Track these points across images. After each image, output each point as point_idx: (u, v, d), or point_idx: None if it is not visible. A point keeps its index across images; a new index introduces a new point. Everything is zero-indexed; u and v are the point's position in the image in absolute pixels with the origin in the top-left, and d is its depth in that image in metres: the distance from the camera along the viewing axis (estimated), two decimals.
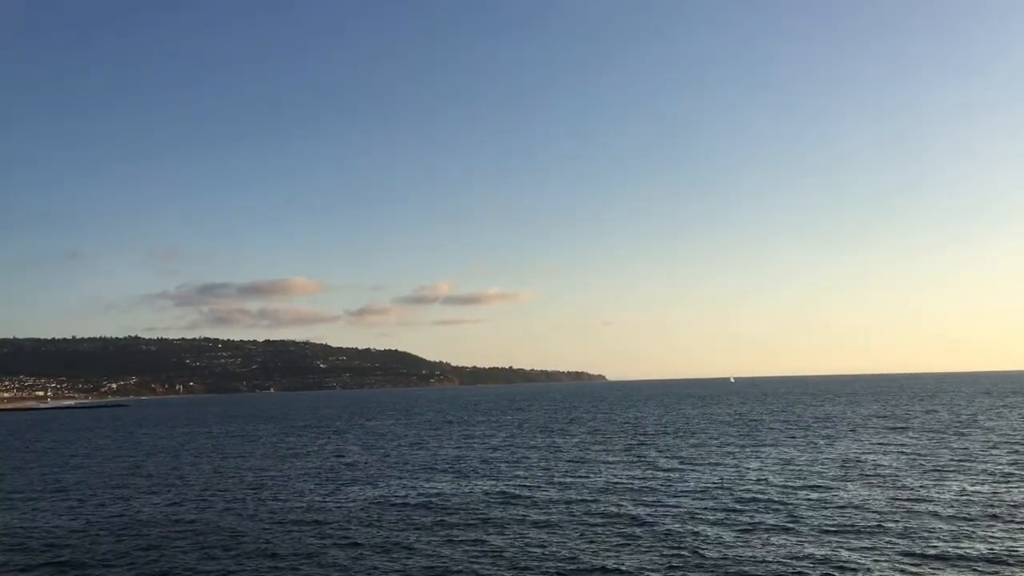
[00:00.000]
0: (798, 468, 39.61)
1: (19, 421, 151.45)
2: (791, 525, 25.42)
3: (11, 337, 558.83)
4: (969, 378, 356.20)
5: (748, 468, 40.03)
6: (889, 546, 22.37)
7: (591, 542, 23.71)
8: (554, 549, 22.99)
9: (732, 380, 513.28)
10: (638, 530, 25.26)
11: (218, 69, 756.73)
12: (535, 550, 22.91)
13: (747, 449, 49.66)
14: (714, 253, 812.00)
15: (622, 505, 30.01)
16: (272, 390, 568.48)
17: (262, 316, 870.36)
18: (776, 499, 30.34)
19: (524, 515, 28.51)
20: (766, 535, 24.09)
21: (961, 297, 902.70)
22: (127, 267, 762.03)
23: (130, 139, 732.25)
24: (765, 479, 35.70)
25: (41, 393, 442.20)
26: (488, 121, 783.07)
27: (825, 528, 24.88)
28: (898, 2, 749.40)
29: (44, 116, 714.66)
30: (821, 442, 53.50)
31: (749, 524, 25.83)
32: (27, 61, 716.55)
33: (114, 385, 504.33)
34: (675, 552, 22.19)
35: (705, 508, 28.89)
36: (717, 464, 42.38)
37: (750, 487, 33.46)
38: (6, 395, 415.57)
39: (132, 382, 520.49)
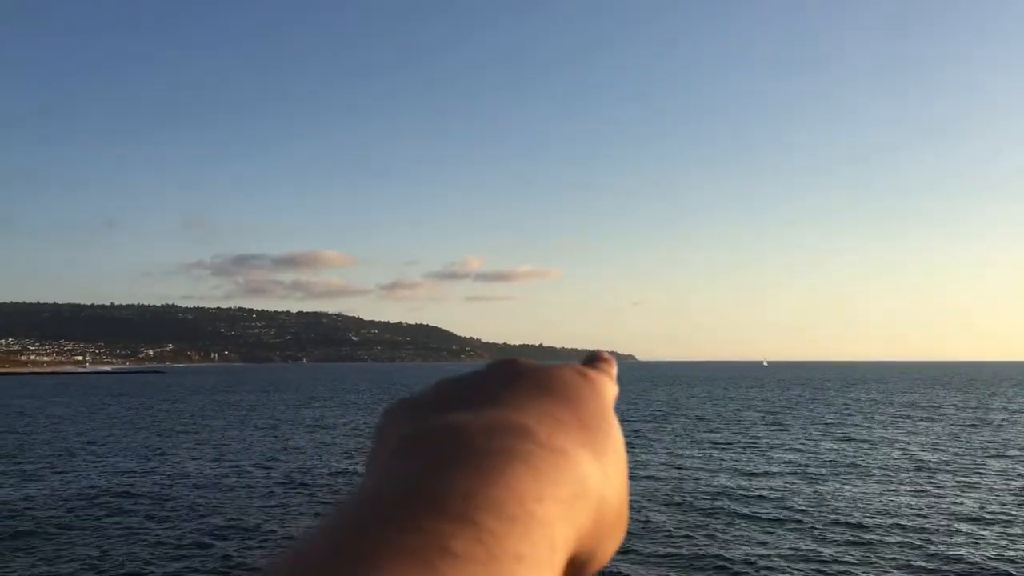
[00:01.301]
0: (820, 456, 36.62)
1: (60, 384, 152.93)
2: (798, 518, 22.61)
3: (51, 302, 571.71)
4: (1012, 368, 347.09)
5: (766, 455, 37.14)
6: (907, 543, 19.48)
7: None
8: None
9: (765, 363, 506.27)
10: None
11: (256, 41, 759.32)
12: None
13: (769, 436, 46.64)
14: (749, 234, 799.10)
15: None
16: (305, 361, 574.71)
17: (295, 288, 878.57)
18: (786, 489, 27.49)
19: None
20: (772, 526, 21.31)
21: (1001, 286, 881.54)
22: (163, 236, 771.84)
23: (166, 109, 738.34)
24: (780, 467, 32.81)
25: (80, 358, 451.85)
26: (522, 96, 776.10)
27: (842, 522, 22.02)
28: None
29: (81, 86, 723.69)
30: (849, 430, 50.32)
31: (753, 514, 23.05)
32: (65, 32, 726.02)
33: (151, 352, 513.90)
34: (665, 540, 19.54)
35: (708, 495, 26.14)
36: (729, 449, 39.50)
37: (762, 475, 30.62)
38: (46, 359, 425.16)
39: (168, 349, 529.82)
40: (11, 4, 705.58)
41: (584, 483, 0.50)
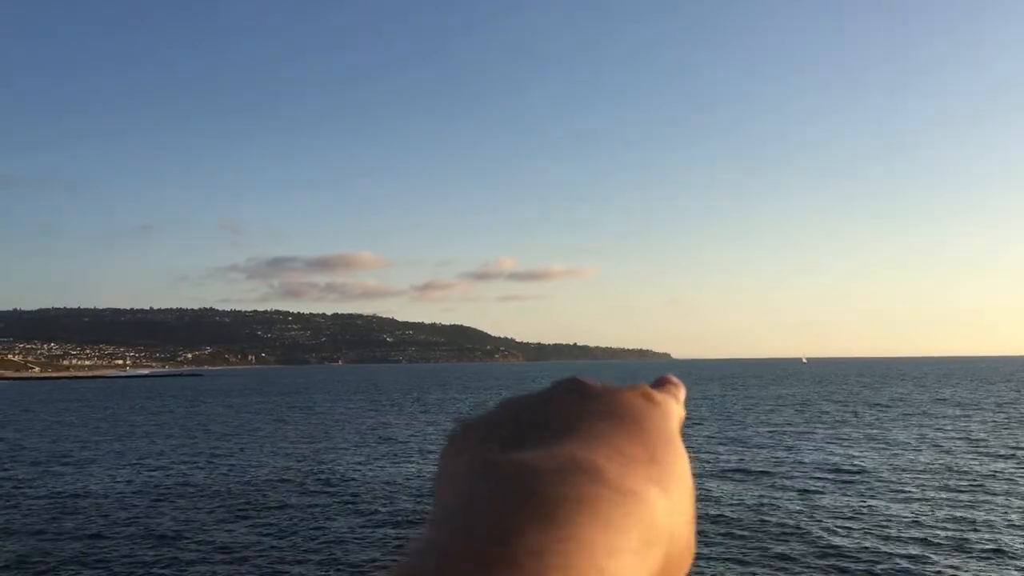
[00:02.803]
0: (849, 455, 34.68)
1: (106, 388, 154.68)
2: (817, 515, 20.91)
3: (92, 307, 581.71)
4: None
5: (792, 452, 35.31)
6: (938, 543, 17.74)
7: None
8: None
9: (804, 360, 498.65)
10: None
11: (286, 44, 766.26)
12: None
13: (795, 432, 44.67)
14: (787, 230, 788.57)
15: None
16: (340, 362, 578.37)
17: (329, 290, 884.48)
18: (808, 487, 25.76)
19: None
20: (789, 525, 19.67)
21: None
22: (198, 240, 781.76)
23: (197, 113, 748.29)
24: (811, 465, 30.99)
25: (120, 361, 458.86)
26: (553, 96, 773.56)
27: (871, 523, 20.30)
28: None
29: (115, 93, 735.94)
30: (886, 426, 48.11)
31: (761, 504, 21.39)
32: (100, 40, 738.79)
33: (189, 355, 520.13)
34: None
35: (730, 493, 24.51)
36: (760, 447, 37.67)
37: (779, 472, 28.86)
38: (87, 363, 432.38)
39: (207, 352, 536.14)
40: (47, 13, 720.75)
41: (654, 526, 0.50)
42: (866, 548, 20.11)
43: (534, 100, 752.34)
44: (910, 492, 27.24)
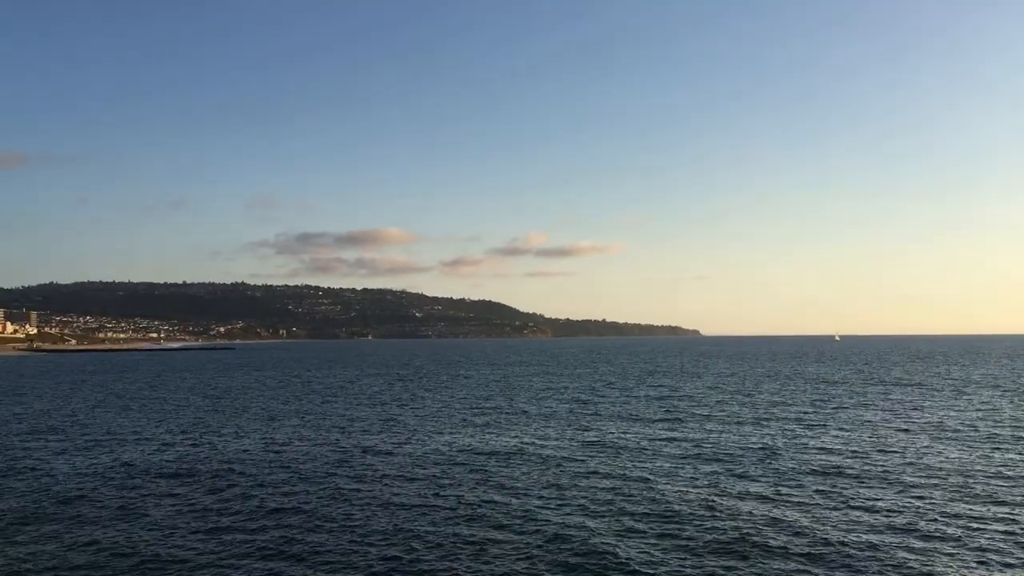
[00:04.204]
0: (874, 436, 34.06)
1: (154, 360, 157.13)
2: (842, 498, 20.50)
3: (127, 281, 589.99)
4: None
5: (812, 433, 34.76)
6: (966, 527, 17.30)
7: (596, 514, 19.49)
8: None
9: (837, 338, 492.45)
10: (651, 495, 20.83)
11: (320, 30, 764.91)
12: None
13: (822, 412, 44.04)
14: (817, 206, 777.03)
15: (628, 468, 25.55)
16: (370, 337, 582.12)
17: (359, 265, 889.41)
18: (824, 469, 25.29)
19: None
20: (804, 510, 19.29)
21: None
22: (228, 216, 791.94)
23: (227, 93, 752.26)
24: (826, 445, 30.46)
25: (155, 335, 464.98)
26: (579, 74, 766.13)
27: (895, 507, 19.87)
28: None
29: (146, 75, 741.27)
30: (900, 407, 47.28)
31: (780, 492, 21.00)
32: (134, 24, 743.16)
33: (222, 329, 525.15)
34: (698, 524, 17.77)
35: (740, 476, 24.12)
36: (773, 425, 37.15)
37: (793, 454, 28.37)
38: (122, 336, 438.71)
39: (239, 326, 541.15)
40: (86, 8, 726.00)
41: None
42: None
43: (561, 78, 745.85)
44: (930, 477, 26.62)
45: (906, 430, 37.15)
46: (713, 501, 21.96)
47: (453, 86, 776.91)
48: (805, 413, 45.00)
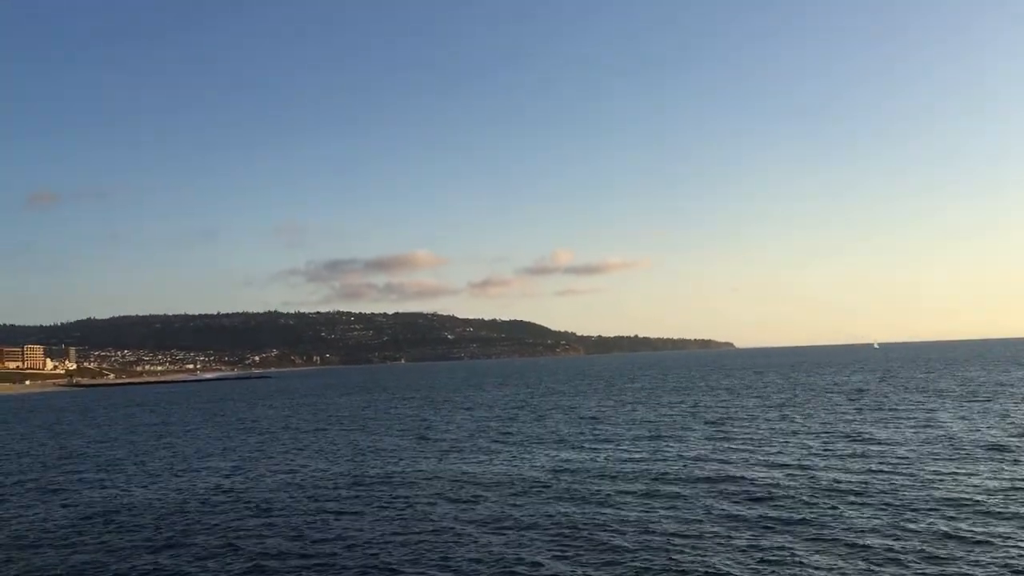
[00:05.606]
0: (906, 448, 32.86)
1: (184, 392, 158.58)
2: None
3: (162, 314, 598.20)
4: None
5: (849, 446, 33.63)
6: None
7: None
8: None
9: (876, 345, 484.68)
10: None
11: (341, 52, 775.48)
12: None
13: (863, 422, 42.76)
14: (847, 212, 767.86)
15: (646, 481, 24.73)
16: (402, 360, 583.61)
17: (389, 290, 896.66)
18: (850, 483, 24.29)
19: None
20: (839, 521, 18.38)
21: None
22: (257, 245, 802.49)
23: (254, 122, 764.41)
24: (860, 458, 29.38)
25: (191, 366, 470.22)
26: (605, 90, 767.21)
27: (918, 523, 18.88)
28: None
29: (177, 105, 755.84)
30: (945, 416, 45.78)
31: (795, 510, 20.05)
32: (162, 48, 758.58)
33: (257, 357, 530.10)
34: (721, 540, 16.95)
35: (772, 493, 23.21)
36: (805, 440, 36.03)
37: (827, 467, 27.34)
38: (159, 368, 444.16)
39: (273, 354, 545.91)
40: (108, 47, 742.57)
41: None
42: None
43: (583, 96, 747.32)
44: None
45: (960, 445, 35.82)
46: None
47: (472, 108, 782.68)
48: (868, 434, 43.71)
